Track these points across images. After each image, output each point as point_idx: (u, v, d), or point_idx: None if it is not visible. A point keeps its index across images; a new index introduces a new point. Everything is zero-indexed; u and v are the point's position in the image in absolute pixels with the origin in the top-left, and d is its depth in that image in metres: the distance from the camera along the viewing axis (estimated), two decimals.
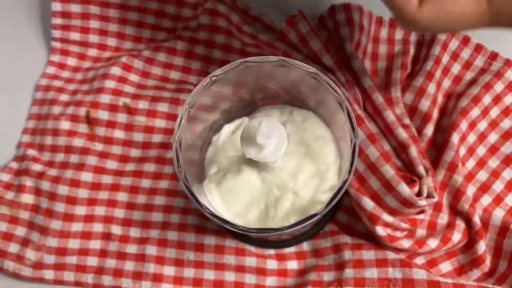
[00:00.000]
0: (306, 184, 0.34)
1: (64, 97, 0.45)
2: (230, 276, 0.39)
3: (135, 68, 0.46)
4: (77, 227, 0.41)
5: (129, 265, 0.40)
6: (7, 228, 0.41)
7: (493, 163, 0.42)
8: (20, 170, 0.43)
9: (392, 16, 0.26)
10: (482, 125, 0.42)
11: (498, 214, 0.40)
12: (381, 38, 0.46)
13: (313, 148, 0.35)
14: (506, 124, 0.43)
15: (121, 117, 0.44)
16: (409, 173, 0.40)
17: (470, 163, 0.42)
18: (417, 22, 0.22)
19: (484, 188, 0.41)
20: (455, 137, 0.40)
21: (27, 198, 0.42)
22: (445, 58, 0.44)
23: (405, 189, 0.36)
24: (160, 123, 0.43)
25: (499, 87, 0.43)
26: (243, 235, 0.40)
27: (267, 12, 0.48)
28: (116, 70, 0.45)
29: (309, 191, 0.34)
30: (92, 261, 0.40)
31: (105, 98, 0.44)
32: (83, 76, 0.47)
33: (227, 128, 0.37)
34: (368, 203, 0.37)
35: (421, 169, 0.39)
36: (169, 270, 0.39)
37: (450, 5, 0.21)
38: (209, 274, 0.39)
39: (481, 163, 0.42)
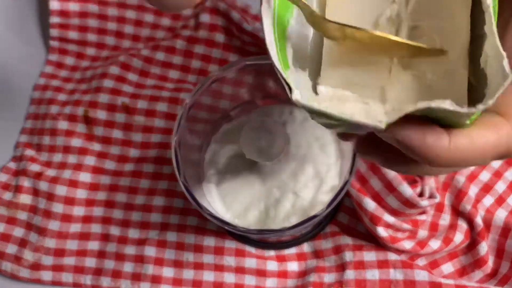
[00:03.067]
0: (306, 185, 0.34)
1: (62, 97, 0.45)
2: (229, 278, 0.38)
3: (133, 67, 0.45)
4: (75, 227, 0.41)
5: (128, 266, 0.39)
6: (5, 228, 0.41)
7: (496, 163, 0.42)
8: (18, 170, 0.43)
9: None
10: None
11: (501, 214, 0.39)
12: None
13: (314, 148, 0.35)
14: None
15: (120, 117, 0.43)
16: None
17: None
18: (447, 160, 0.17)
19: (487, 188, 0.41)
20: None
21: (25, 199, 0.42)
22: None
23: (407, 190, 0.36)
24: (159, 122, 0.43)
25: None
26: (243, 236, 0.39)
27: None
28: (114, 69, 0.44)
29: (310, 192, 0.34)
30: (90, 262, 0.40)
31: (103, 98, 0.43)
32: (81, 76, 0.47)
33: (227, 128, 0.37)
34: (370, 204, 0.37)
35: None
36: (168, 271, 0.39)
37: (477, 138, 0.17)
38: (208, 276, 0.39)
39: None
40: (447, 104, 0.16)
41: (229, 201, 0.34)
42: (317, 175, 0.34)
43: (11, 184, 0.43)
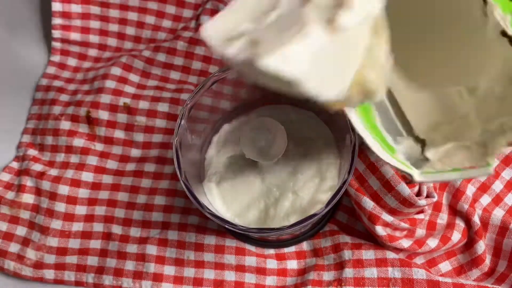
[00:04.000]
0: (305, 184, 0.34)
1: (64, 97, 0.46)
2: (230, 276, 0.39)
3: (135, 68, 0.46)
4: (77, 226, 0.41)
5: (130, 265, 0.40)
6: (8, 228, 0.41)
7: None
8: (20, 170, 0.44)
9: None
10: None
11: (498, 214, 0.40)
12: None
13: (313, 148, 0.35)
14: None
15: (121, 117, 0.44)
16: None
17: None
18: None
19: (484, 188, 0.41)
20: None
21: (28, 198, 0.42)
22: None
23: (404, 189, 0.36)
24: (160, 123, 0.43)
25: None
26: (243, 235, 0.40)
27: None
28: (116, 70, 0.45)
29: (309, 191, 0.34)
30: (92, 260, 0.40)
31: (105, 98, 0.44)
32: (83, 76, 0.47)
33: (227, 128, 0.37)
34: (368, 203, 0.37)
35: None
36: (169, 270, 0.39)
37: None
38: (209, 274, 0.39)
39: None
40: None
41: (229, 200, 0.35)
42: (316, 174, 0.34)
43: (14, 183, 0.43)
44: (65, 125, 0.44)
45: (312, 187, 0.34)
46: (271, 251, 0.40)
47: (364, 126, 0.21)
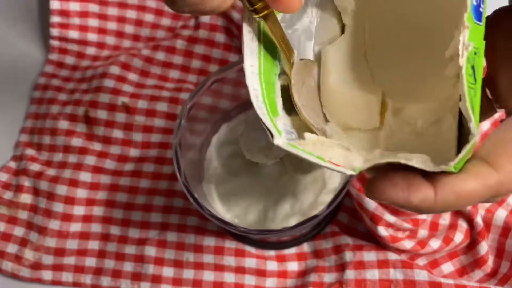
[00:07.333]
0: (306, 187, 0.34)
1: (62, 96, 0.45)
2: (229, 277, 0.38)
3: (134, 67, 0.45)
4: (75, 227, 0.41)
5: (128, 266, 0.39)
6: (6, 228, 0.41)
7: None
8: (18, 169, 0.43)
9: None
10: (485, 125, 0.42)
11: (501, 214, 0.39)
12: None
13: None
14: None
15: (120, 117, 0.43)
16: None
17: None
18: (436, 211, 0.19)
19: None
20: None
21: (26, 198, 0.42)
22: None
23: None
24: (159, 122, 0.43)
25: None
26: (243, 236, 0.39)
27: None
28: (115, 69, 0.44)
29: (309, 194, 0.34)
30: (90, 261, 0.40)
31: (103, 97, 0.43)
32: (81, 75, 0.47)
33: (227, 128, 0.37)
34: (370, 203, 0.37)
35: None
36: (168, 271, 0.39)
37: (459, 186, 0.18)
38: (208, 275, 0.39)
39: None
40: (414, 162, 0.16)
41: (229, 201, 0.34)
42: (317, 177, 0.34)
43: (12, 183, 0.43)
44: (63, 124, 0.43)
45: (312, 190, 0.34)
46: (271, 253, 0.40)
47: (259, 71, 0.21)
